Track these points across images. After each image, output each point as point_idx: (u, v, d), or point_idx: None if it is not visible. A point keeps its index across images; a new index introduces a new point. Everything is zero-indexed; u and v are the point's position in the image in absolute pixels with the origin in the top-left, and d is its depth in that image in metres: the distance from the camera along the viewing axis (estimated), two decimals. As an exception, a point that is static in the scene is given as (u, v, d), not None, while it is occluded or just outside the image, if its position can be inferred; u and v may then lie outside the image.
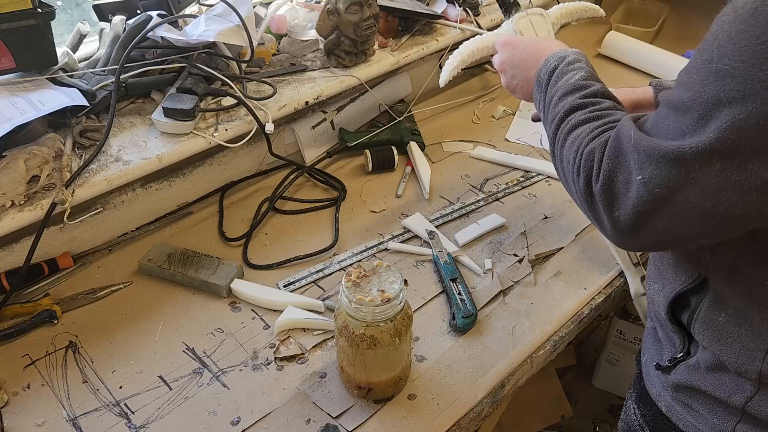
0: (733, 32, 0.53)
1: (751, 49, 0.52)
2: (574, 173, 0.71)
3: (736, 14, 0.54)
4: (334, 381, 0.93)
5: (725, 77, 0.54)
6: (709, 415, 0.75)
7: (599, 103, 0.76)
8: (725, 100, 0.54)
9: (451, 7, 1.49)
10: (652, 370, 0.84)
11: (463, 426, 0.89)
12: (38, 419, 0.88)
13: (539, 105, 0.85)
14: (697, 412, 0.77)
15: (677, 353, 0.78)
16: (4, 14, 0.99)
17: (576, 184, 0.71)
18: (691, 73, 0.58)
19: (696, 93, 0.57)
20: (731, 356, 0.70)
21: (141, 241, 1.18)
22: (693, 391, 0.77)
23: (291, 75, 1.29)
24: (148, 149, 1.09)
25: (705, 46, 0.57)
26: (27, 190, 0.98)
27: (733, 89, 0.53)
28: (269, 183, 1.31)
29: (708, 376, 0.74)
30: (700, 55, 0.57)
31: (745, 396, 0.71)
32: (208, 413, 0.89)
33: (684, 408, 0.79)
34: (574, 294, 1.07)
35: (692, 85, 0.57)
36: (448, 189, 1.30)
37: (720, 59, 0.54)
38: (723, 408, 0.74)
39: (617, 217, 0.65)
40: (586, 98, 0.76)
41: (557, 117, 0.78)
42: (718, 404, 0.74)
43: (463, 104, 1.58)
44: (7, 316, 1.02)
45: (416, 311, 1.03)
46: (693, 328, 0.74)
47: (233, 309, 1.05)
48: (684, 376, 0.77)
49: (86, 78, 1.14)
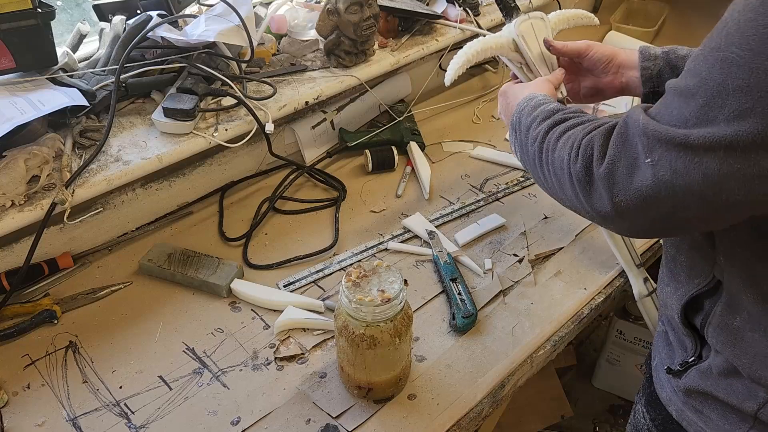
0: (742, 21, 0.53)
1: (759, 38, 0.52)
2: (571, 163, 0.70)
3: (746, 3, 0.53)
4: (334, 381, 0.93)
5: (731, 65, 0.53)
6: (721, 421, 0.74)
7: (581, 115, 0.76)
8: (731, 88, 0.53)
9: (451, 7, 1.49)
10: (662, 374, 0.83)
11: (463, 426, 0.89)
12: (38, 419, 0.88)
13: (515, 145, 0.85)
14: (709, 418, 0.76)
15: (689, 357, 0.76)
16: (4, 14, 0.99)
17: (572, 174, 0.69)
18: (698, 60, 0.58)
19: (702, 80, 0.56)
20: (745, 362, 0.69)
21: (141, 241, 1.18)
22: (704, 397, 0.75)
23: (291, 75, 1.29)
24: (148, 149, 1.09)
25: (714, 34, 0.56)
26: (27, 190, 0.98)
27: (738, 77, 0.53)
28: (269, 183, 1.31)
29: (720, 382, 0.73)
30: (708, 42, 0.57)
31: (758, 402, 0.70)
32: (208, 413, 0.89)
33: (695, 413, 0.77)
34: (574, 294, 1.07)
35: (699, 72, 0.57)
36: (448, 189, 1.30)
37: (727, 47, 0.54)
38: (735, 414, 0.73)
39: (618, 202, 0.64)
40: (567, 114, 0.77)
41: (540, 133, 0.77)
42: (730, 410, 0.73)
43: (463, 104, 1.59)
44: (7, 316, 1.02)
45: (416, 311, 1.03)
46: (706, 332, 0.73)
47: (233, 309, 1.05)
48: (695, 380, 0.76)
49: (86, 78, 1.14)
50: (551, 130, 0.76)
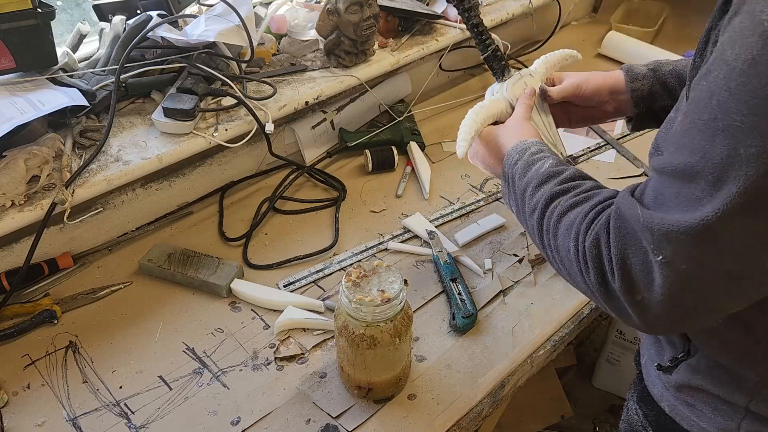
0: (732, 86, 0.51)
1: (759, 100, 0.49)
2: (581, 265, 0.66)
3: (730, 68, 0.51)
4: (334, 381, 0.93)
5: (737, 133, 0.51)
6: (713, 413, 0.75)
7: (581, 186, 0.72)
8: (744, 156, 0.51)
9: (451, 7, 1.49)
10: (652, 371, 0.83)
11: (463, 426, 0.89)
12: (38, 419, 0.88)
13: (510, 199, 0.82)
14: (701, 411, 0.76)
15: (678, 353, 0.77)
16: (4, 14, 0.99)
17: (586, 278, 0.66)
18: (691, 136, 0.55)
19: (704, 155, 0.53)
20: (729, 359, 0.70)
21: (141, 241, 1.18)
22: (696, 391, 0.76)
23: (291, 75, 1.29)
24: (148, 149, 1.09)
25: (700, 107, 0.54)
26: (27, 190, 0.98)
27: (751, 145, 0.50)
28: (269, 183, 1.31)
29: (710, 376, 0.74)
30: (697, 116, 0.54)
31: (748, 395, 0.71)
32: (208, 413, 0.89)
33: (687, 407, 0.78)
34: (574, 294, 1.07)
35: (697, 148, 0.54)
36: (448, 189, 1.30)
37: (725, 116, 0.51)
38: (726, 406, 0.74)
39: (641, 300, 0.60)
40: (565, 183, 0.73)
41: (538, 207, 0.74)
42: (721, 403, 0.74)
43: (463, 104, 1.58)
44: (7, 316, 1.02)
45: (416, 311, 1.03)
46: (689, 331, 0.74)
47: (233, 309, 1.05)
48: (686, 375, 0.76)
49: (86, 78, 1.14)
50: (549, 206, 0.72)
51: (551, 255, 0.74)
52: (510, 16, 1.59)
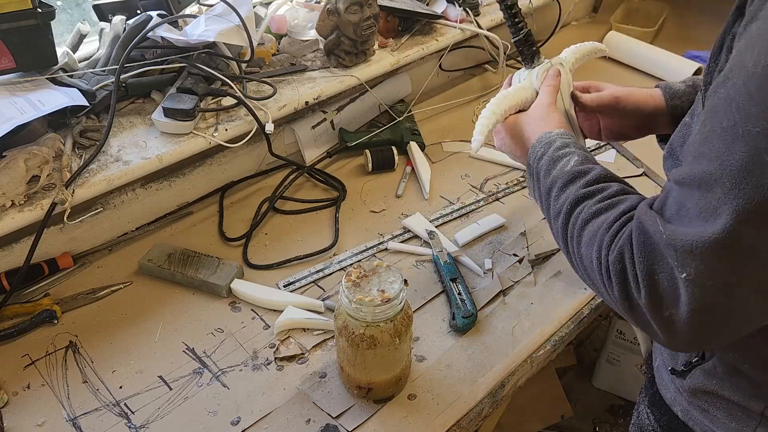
0: (753, 91, 0.50)
1: None
2: (604, 279, 0.65)
3: (749, 73, 0.50)
4: (334, 381, 0.93)
5: (758, 138, 0.50)
6: (728, 419, 0.74)
7: (606, 189, 0.70)
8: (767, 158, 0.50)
9: (451, 7, 1.49)
10: (665, 375, 0.82)
11: (463, 426, 0.89)
12: (38, 419, 0.88)
13: (535, 194, 0.81)
14: (715, 417, 0.75)
15: (693, 358, 0.75)
16: (4, 14, 0.99)
17: (609, 291, 0.65)
18: (710, 144, 0.54)
19: (723, 162, 0.52)
20: (747, 365, 0.69)
21: (141, 241, 1.18)
22: (710, 396, 0.75)
23: (291, 75, 1.29)
24: (148, 149, 1.09)
25: (719, 115, 0.53)
26: (27, 190, 0.98)
27: None
28: (269, 183, 1.31)
29: (725, 381, 0.72)
30: (716, 123, 0.53)
31: (765, 401, 0.70)
32: (208, 413, 0.89)
33: (701, 413, 0.77)
34: (574, 294, 1.07)
35: (716, 155, 0.53)
36: (448, 189, 1.30)
37: (745, 122, 0.50)
38: (742, 412, 0.72)
39: (668, 317, 0.58)
40: (590, 186, 0.71)
41: (563, 211, 0.72)
42: (736, 408, 0.73)
43: (463, 104, 1.58)
44: (7, 316, 1.02)
45: (416, 311, 1.03)
46: None
47: (233, 309, 1.05)
48: (700, 380, 0.75)
49: (86, 78, 1.14)
50: (573, 211, 0.71)
51: (576, 262, 0.72)
52: (510, 16, 1.59)
